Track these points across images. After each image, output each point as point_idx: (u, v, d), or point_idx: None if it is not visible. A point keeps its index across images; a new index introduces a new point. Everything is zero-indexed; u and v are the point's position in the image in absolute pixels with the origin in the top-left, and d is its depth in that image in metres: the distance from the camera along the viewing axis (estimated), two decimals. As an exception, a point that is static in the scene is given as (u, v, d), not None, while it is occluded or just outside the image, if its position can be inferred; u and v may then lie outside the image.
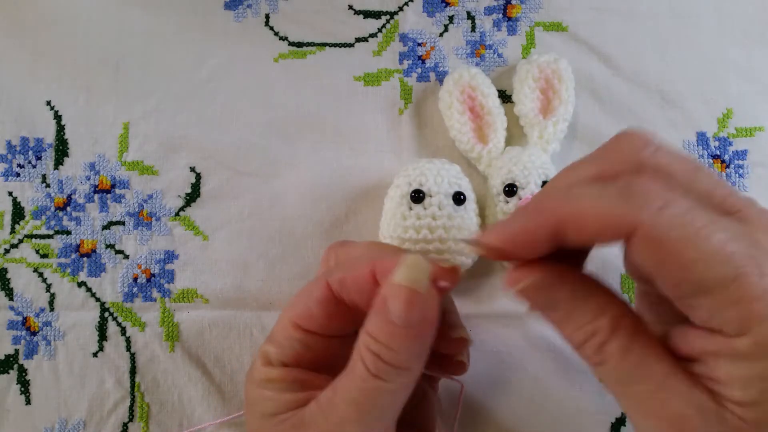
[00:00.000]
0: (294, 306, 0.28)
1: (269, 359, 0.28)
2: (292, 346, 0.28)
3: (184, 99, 0.40)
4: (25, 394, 0.38)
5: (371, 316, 0.25)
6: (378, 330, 0.25)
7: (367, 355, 0.25)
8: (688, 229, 0.20)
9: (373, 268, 0.27)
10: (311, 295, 0.28)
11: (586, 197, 0.21)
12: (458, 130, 0.38)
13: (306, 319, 0.28)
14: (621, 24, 0.41)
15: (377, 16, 0.41)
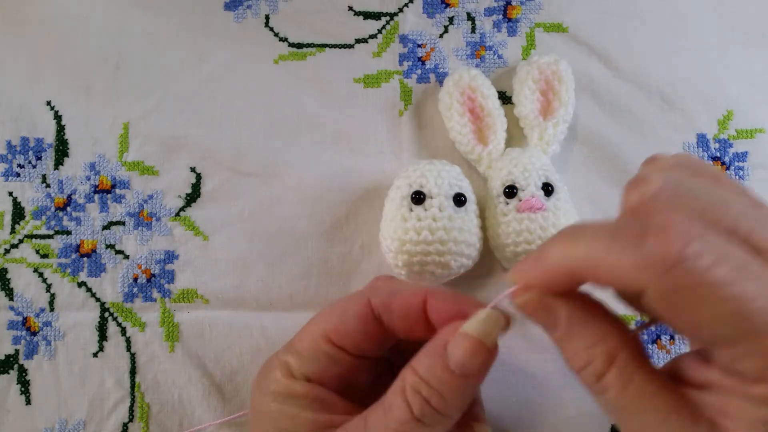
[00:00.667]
0: (328, 319, 0.27)
1: (291, 371, 0.27)
2: (318, 359, 0.27)
3: (184, 99, 0.40)
4: (25, 394, 0.38)
5: (423, 358, 0.25)
6: (431, 375, 0.24)
7: (415, 397, 0.24)
8: (705, 289, 0.18)
9: (424, 297, 0.26)
10: (349, 310, 0.27)
11: (599, 246, 0.20)
12: (458, 132, 0.38)
13: (340, 333, 0.27)
14: (621, 25, 0.41)
15: (377, 17, 0.41)
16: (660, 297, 0.19)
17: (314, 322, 0.28)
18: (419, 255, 0.34)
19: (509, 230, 0.35)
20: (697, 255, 0.19)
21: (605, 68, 0.40)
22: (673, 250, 0.19)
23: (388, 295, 0.27)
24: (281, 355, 0.28)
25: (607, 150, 0.40)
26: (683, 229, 0.19)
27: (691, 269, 0.18)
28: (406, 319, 0.27)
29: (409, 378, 0.25)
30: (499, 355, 0.37)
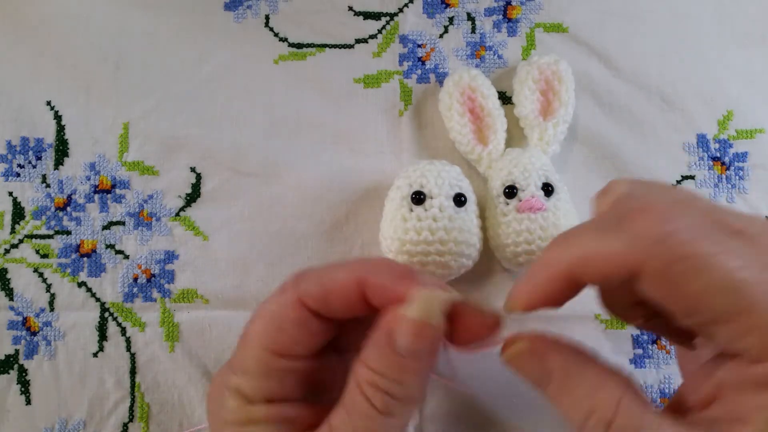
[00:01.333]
0: (263, 331, 0.25)
1: (245, 395, 0.25)
2: (270, 375, 0.25)
3: (184, 99, 0.40)
4: (25, 394, 0.38)
5: (372, 351, 0.24)
6: (384, 365, 0.24)
7: (374, 392, 0.24)
8: (693, 260, 0.19)
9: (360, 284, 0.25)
10: (283, 316, 0.25)
11: (586, 237, 0.21)
12: (458, 132, 0.38)
13: (282, 344, 0.25)
14: (621, 25, 0.41)
15: (377, 18, 0.41)
16: (654, 275, 0.20)
17: (249, 338, 0.25)
18: (419, 255, 0.34)
19: (509, 230, 0.35)
20: (681, 230, 0.19)
21: (605, 68, 0.40)
22: (658, 227, 0.20)
23: (319, 289, 0.25)
24: (228, 380, 0.25)
25: (607, 150, 0.40)
26: (662, 208, 0.20)
27: (679, 241, 0.19)
28: (346, 308, 0.25)
29: (363, 374, 0.24)
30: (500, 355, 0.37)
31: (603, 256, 0.21)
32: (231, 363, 0.26)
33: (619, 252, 0.20)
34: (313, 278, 0.26)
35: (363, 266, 0.25)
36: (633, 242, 0.20)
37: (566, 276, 0.22)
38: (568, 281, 0.22)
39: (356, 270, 0.25)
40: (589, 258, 0.21)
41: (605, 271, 0.21)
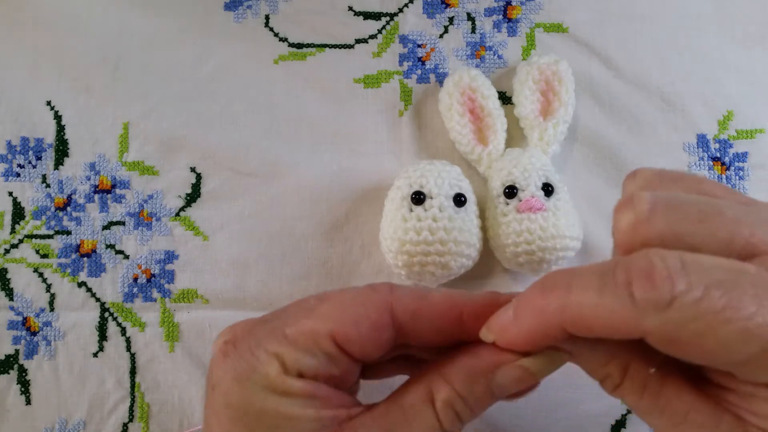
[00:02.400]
0: (339, 319, 0.24)
1: (285, 365, 0.24)
2: (316, 357, 0.24)
3: (184, 99, 0.40)
4: (25, 394, 0.38)
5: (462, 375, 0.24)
6: (470, 393, 0.24)
7: (447, 411, 0.24)
8: (700, 322, 0.18)
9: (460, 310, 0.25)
10: (366, 316, 0.24)
11: (586, 298, 0.20)
12: (458, 132, 0.38)
13: (350, 339, 0.24)
14: (621, 26, 0.41)
15: (377, 18, 0.41)
16: (662, 339, 0.19)
17: (318, 317, 0.24)
18: (419, 255, 0.34)
19: (509, 230, 0.35)
20: (686, 290, 0.19)
21: (605, 68, 0.40)
22: (664, 292, 0.19)
23: (416, 302, 0.25)
24: (270, 344, 0.24)
25: (607, 150, 0.40)
26: (665, 268, 0.19)
27: (685, 305, 0.19)
28: (436, 331, 0.25)
29: (443, 391, 0.24)
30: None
31: (605, 319, 0.20)
32: (275, 329, 0.25)
33: (623, 318, 0.19)
34: (410, 290, 0.25)
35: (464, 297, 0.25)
36: (639, 309, 0.19)
37: (558, 329, 0.21)
38: (557, 333, 0.21)
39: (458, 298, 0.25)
40: (588, 318, 0.20)
41: (604, 333, 0.20)
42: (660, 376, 0.22)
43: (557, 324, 0.21)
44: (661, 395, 0.22)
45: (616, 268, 0.20)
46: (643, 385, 0.22)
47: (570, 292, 0.21)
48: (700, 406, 0.21)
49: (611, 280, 0.20)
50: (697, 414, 0.21)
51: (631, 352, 0.22)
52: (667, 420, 0.22)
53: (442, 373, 0.25)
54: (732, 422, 0.21)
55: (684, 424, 0.21)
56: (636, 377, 0.22)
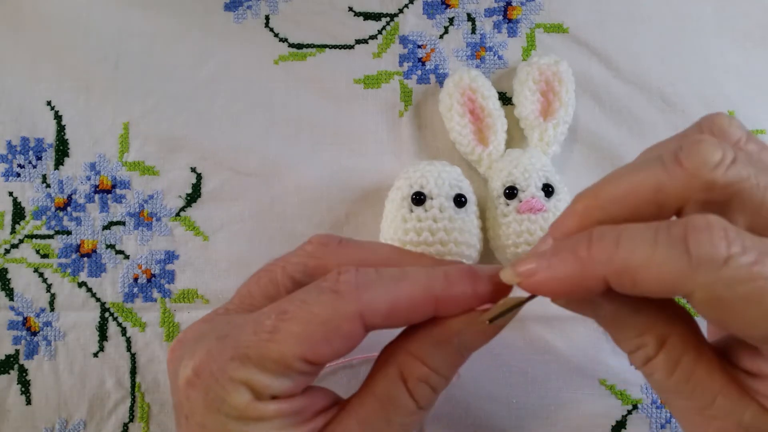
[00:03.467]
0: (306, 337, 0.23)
1: (256, 391, 0.23)
2: (290, 377, 0.23)
3: (184, 99, 0.40)
4: (25, 394, 0.38)
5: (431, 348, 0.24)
6: (443, 363, 0.24)
7: (423, 387, 0.24)
8: (752, 285, 0.18)
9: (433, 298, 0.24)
10: (336, 328, 0.23)
11: (638, 248, 0.20)
12: (458, 133, 0.38)
13: (321, 354, 0.23)
14: (622, 26, 0.41)
15: (377, 18, 0.41)
16: (710, 298, 0.19)
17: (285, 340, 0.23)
18: (419, 256, 0.34)
19: (509, 231, 0.35)
20: (741, 253, 0.18)
21: (605, 69, 0.40)
22: (720, 250, 0.18)
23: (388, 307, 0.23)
24: (234, 371, 0.23)
25: (608, 151, 0.39)
26: (722, 229, 0.19)
27: (740, 265, 0.18)
28: (406, 321, 0.25)
29: (415, 369, 0.24)
30: (500, 356, 0.37)
31: (655, 271, 0.19)
32: (233, 349, 0.23)
33: (674, 273, 0.19)
34: (380, 292, 0.23)
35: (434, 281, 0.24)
36: (692, 264, 0.19)
37: (599, 280, 0.20)
38: (597, 285, 0.21)
39: (430, 287, 0.24)
40: (639, 273, 0.20)
41: (650, 287, 0.20)
42: (695, 355, 0.21)
43: (600, 275, 0.20)
44: (692, 376, 0.21)
45: (672, 224, 0.20)
46: (677, 362, 0.21)
47: (620, 243, 0.20)
48: (729, 392, 0.21)
49: (665, 233, 0.19)
50: (725, 399, 0.21)
51: (671, 327, 0.22)
52: (694, 402, 0.21)
53: (408, 350, 0.24)
54: (757, 412, 0.20)
55: (710, 409, 0.21)
56: (672, 352, 0.22)
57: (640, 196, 0.21)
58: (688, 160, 0.20)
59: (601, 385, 0.37)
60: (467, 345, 0.24)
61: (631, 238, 0.20)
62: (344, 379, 0.37)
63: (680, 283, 0.19)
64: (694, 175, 0.20)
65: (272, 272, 0.27)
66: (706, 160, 0.20)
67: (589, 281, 0.21)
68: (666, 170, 0.20)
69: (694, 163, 0.20)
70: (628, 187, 0.21)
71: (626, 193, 0.21)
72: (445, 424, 0.37)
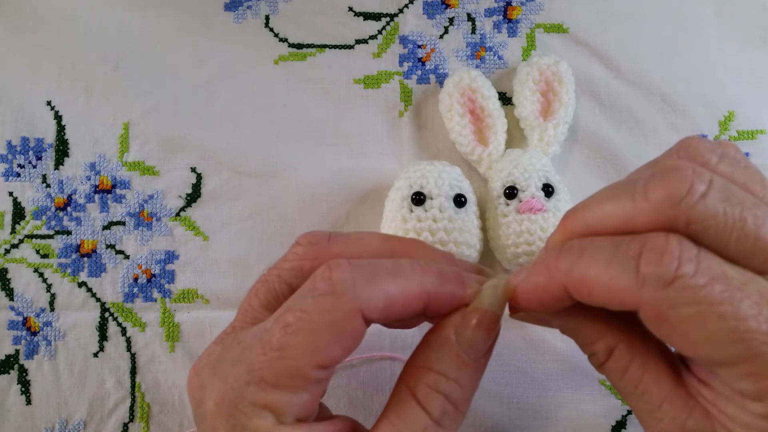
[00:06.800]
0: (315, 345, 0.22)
1: (278, 414, 0.22)
2: (309, 390, 0.23)
3: (184, 99, 0.40)
4: (25, 394, 0.38)
5: (431, 352, 0.24)
6: (447, 364, 0.23)
7: (432, 396, 0.23)
8: (694, 308, 0.19)
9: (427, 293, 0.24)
10: (341, 328, 0.23)
11: (596, 262, 0.21)
12: (458, 133, 0.38)
13: (332, 357, 0.23)
14: (622, 26, 0.41)
15: (377, 18, 0.41)
16: (653, 316, 0.20)
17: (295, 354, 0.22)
18: (419, 256, 0.34)
19: (509, 231, 0.35)
20: (691, 274, 0.19)
21: (606, 69, 0.40)
22: (669, 270, 0.19)
23: (385, 303, 0.23)
24: (253, 395, 0.22)
25: (608, 151, 0.39)
26: (678, 250, 0.19)
27: (685, 287, 0.19)
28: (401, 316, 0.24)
29: (420, 377, 0.23)
30: (500, 356, 0.37)
31: (606, 288, 0.20)
32: (254, 378, 0.23)
33: (623, 288, 0.20)
34: (376, 288, 0.23)
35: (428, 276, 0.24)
36: (640, 282, 0.19)
37: (561, 289, 0.22)
38: (560, 293, 0.22)
39: (424, 282, 0.24)
40: (592, 286, 0.21)
41: (602, 298, 0.21)
42: (642, 362, 0.22)
43: (561, 284, 0.22)
44: (640, 381, 0.22)
45: (632, 241, 0.20)
46: (625, 369, 0.23)
47: (582, 255, 0.21)
48: (674, 398, 0.22)
49: (623, 249, 0.20)
50: (670, 405, 0.22)
51: (620, 336, 0.23)
52: (643, 405, 0.23)
53: (412, 364, 0.24)
54: (701, 418, 0.21)
55: (657, 412, 0.22)
56: (620, 360, 0.23)
57: (610, 225, 0.21)
58: (654, 194, 0.20)
59: (601, 385, 0.37)
60: (467, 341, 0.24)
61: (593, 251, 0.21)
62: (344, 380, 0.37)
63: (628, 298, 0.20)
64: (658, 210, 0.20)
65: (269, 282, 0.27)
66: (670, 195, 0.20)
67: (554, 290, 0.22)
68: (633, 202, 0.21)
69: (658, 198, 0.20)
70: (600, 214, 0.22)
71: (599, 219, 0.22)
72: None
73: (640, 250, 0.20)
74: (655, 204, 0.20)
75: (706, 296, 0.19)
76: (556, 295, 0.22)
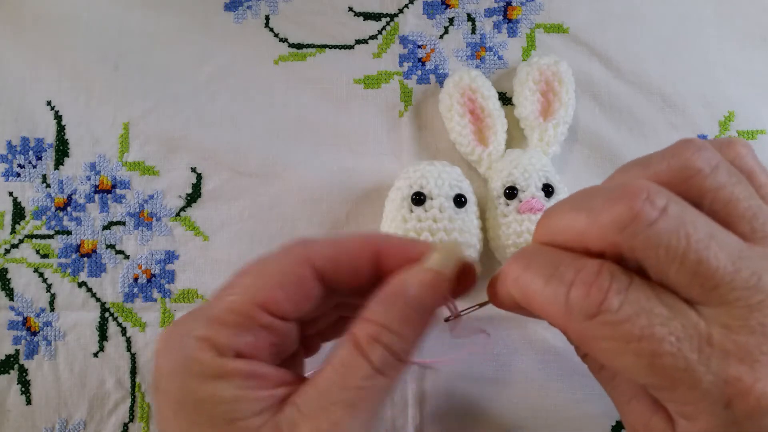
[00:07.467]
0: (261, 285, 0.24)
1: (217, 346, 0.23)
2: (252, 331, 0.23)
3: (184, 99, 0.40)
4: (25, 394, 0.38)
5: (378, 305, 0.24)
6: (390, 317, 0.24)
7: (374, 346, 0.23)
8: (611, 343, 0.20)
9: (376, 248, 0.25)
10: (288, 273, 0.24)
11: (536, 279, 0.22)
12: (458, 133, 0.38)
13: (278, 302, 0.24)
14: (622, 26, 0.41)
15: (377, 18, 0.41)
16: (578, 341, 0.21)
17: (235, 290, 0.24)
18: (419, 256, 0.34)
19: (509, 231, 0.35)
20: (615, 309, 0.20)
21: (606, 69, 0.40)
22: (594, 303, 0.20)
23: (332, 251, 0.25)
24: (198, 330, 0.23)
25: (608, 151, 0.40)
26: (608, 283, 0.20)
27: (605, 323, 0.20)
28: (355, 274, 0.25)
29: (365, 328, 0.24)
30: (500, 356, 0.37)
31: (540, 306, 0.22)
32: (203, 311, 0.24)
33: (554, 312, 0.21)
34: (326, 241, 0.25)
35: (378, 235, 0.27)
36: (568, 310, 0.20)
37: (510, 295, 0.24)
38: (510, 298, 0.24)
39: (372, 237, 0.26)
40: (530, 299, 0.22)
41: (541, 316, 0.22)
42: None
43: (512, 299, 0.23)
44: (614, 378, 0.25)
45: (570, 265, 0.21)
46: (599, 367, 0.25)
47: (528, 268, 0.22)
48: (642, 397, 0.24)
49: (560, 273, 0.21)
50: (638, 403, 0.24)
51: None
52: (616, 397, 0.25)
53: (362, 316, 0.24)
54: (662, 419, 0.22)
55: (626, 406, 0.24)
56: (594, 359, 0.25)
57: (567, 236, 0.22)
58: (605, 216, 0.20)
59: (601, 385, 0.37)
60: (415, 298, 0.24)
61: (537, 266, 0.22)
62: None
63: (559, 321, 0.21)
64: (606, 233, 0.20)
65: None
66: (617, 220, 0.20)
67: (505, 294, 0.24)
68: (587, 220, 0.21)
69: (607, 221, 0.20)
70: (560, 225, 0.22)
71: (559, 230, 0.22)
72: (445, 424, 0.37)
73: (573, 278, 0.20)
74: (604, 227, 0.20)
75: (625, 333, 0.19)
76: (508, 297, 0.24)
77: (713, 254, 0.20)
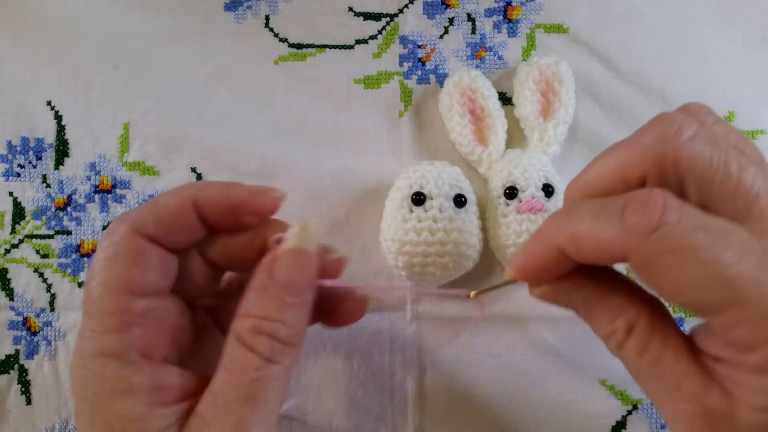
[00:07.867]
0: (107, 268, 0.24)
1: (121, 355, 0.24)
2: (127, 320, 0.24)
3: (184, 99, 0.40)
4: (25, 394, 0.38)
5: (252, 297, 0.25)
6: (266, 306, 0.24)
7: (258, 338, 0.24)
8: (680, 254, 0.20)
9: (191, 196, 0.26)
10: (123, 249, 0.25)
11: (584, 218, 0.22)
12: (458, 133, 0.38)
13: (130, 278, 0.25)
14: (622, 26, 0.41)
15: (377, 18, 0.41)
16: (642, 263, 0.20)
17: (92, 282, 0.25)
18: (419, 256, 0.34)
19: (509, 231, 0.35)
20: (675, 222, 0.20)
21: (606, 69, 0.40)
22: (653, 218, 0.20)
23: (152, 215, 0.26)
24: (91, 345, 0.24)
25: (608, 151, 0.39)
26: (662, 200, 0.20)
27: (669, 234, 0.20)
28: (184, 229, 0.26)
29: (243, 323, 0.24)
30: (500, 356, 0.37)
31: (595, 239, 0.21)
32: (83, 329, 0.24)
33: (610, 239, 0.21)
34: (142, 208, 0.26)
35: (192, 185, 0.27)
36: (626, 231, 0.20)
37: (555, 249, 0.23)
38: (559, 255, 0.23)
39: (186, 189, 0.26)
40: (582, 239, 0.21)
41: (593, 252, 0.22)
42: (662, 338, 0.22)
43: (554, 244, 0.22)
44: (660, 359, 0.22)
45: (617, 197, 0.21)
46: (645, 346, 0.23)
47: (571, 214, 0.22)
48: (693, 375, 0.22)
49: (608, 205, 0.21)
50: (690, 383, 0.22)
51: (641, 311, 0.23)
52: (663, 384, 0.22)
53: (238, 312, 0.25)
54: (719, 395, 0.21)
55: (676, 392, 0.22)
56: (639, 337, 0.23)
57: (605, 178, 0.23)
58: (646, 136, 0.22)
59: (601, 385, 0.37)
60: (283, 282, 0.25)
61: (581, 210, 0.22)
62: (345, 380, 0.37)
63: (616, 249, 0.21)
64: (648, 150, 0.21)
65: None
66: (660, 135, 0.21)
67: (550, 252, 0.23)
68: (627, 150, 0.22)
69: (649, 140, 0.22)
70: (596, 171, 0.23)
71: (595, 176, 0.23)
72: (445, 424, 0.37)
73: (624, 203, 0.21)
74: (646, 145, 0.21)
75: (691, 243, 0.19)
76: (552, 257, 0.23)
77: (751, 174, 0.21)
